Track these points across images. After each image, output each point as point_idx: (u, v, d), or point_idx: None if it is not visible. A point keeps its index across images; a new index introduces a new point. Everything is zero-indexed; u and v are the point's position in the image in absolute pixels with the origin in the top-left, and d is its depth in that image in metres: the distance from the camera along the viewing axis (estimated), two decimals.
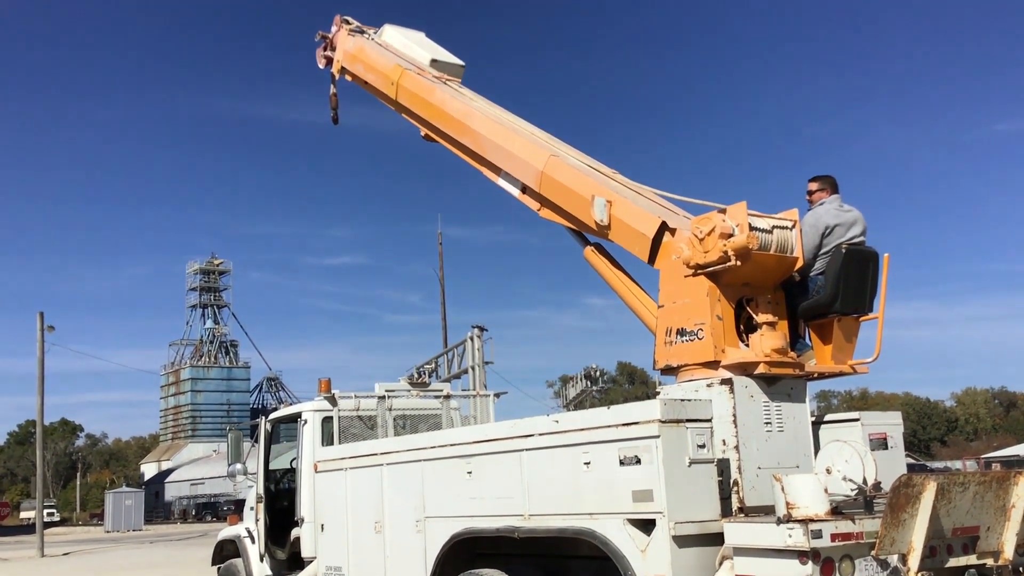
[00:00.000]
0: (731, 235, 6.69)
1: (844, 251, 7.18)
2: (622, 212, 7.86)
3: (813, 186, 7.73)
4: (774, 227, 6.94)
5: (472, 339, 29.94)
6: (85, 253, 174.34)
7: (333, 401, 11.40)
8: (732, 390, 6.62)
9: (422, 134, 11.12)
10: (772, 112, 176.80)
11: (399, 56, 11.92)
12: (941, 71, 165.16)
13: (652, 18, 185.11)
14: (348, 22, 13.06)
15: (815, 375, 7.39)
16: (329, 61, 13.25)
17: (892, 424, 7.54)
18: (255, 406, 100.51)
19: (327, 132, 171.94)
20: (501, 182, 9.70)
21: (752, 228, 6.73)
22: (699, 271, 6.92)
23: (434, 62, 11.86)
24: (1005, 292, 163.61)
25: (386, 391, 11.84)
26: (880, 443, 7.30)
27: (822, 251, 7.31)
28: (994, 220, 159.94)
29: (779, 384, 6.90)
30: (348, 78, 12.79)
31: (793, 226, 7.08)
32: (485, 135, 9.77)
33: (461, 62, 12.21)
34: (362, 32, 12.85)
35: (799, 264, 7.12)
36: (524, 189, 9.29)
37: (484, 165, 9.95)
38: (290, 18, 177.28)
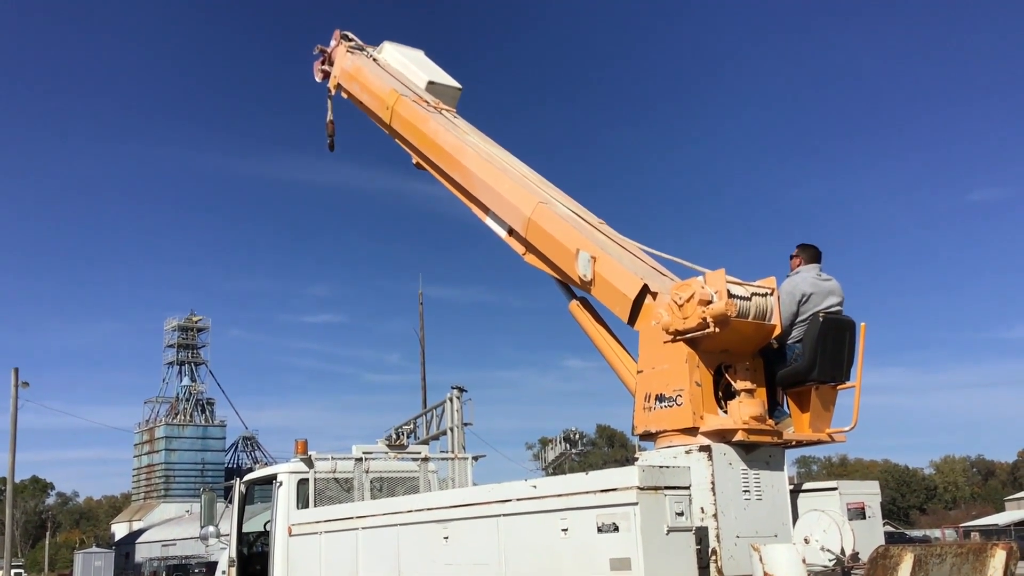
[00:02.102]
0: (710, 302, 6.73)
1: (821, 319, 7.23)
2: (606, 270, 7.89)
3: (795, 254, 7.83)
4: (753, 294, 6.99)
5: (451, 400, 29.78)
6: (61, 308, 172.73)
7: (309, 463, 11.27)
8: (711, 457, 6.60)
9: (413, 162, 11.15)
10: (752, 178, 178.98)
11: (396, 77, 11.94)
12: (917, 141, 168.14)
13: (639, 79, 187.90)
14: (348, 38, 13.04)
15: (793, 443, 7.38)
16: (326, 75, 13.24)
17: (870, 494, 7.53)
18: (230, 466, 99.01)
19: (308, 190, 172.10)
20: (489, 221, 9.70)
21: (731, 295, 6.78)
22: (678, 337, 6.94)
23: (431, 84, 11.91)
24: (982, 360, 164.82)
25: (363, 453, 11.74)
26: (858, 513, 7.28)
27: (799, 319, 7.36)
28: (970, 288, 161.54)
29: (757, 452, 6.90)
30: (344, 95, 12.79)
31: (771, 294, 7.14)
32: (475, 173, 9.76)
33: (458, 85, 12.26)
34: (362, 50, 12.84)
35: (777, 331, 7.16)
36: (511, 232, 9.32)
37: (473, 202, 9.96)
38: (275, 77, 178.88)
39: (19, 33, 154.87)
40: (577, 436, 56.73)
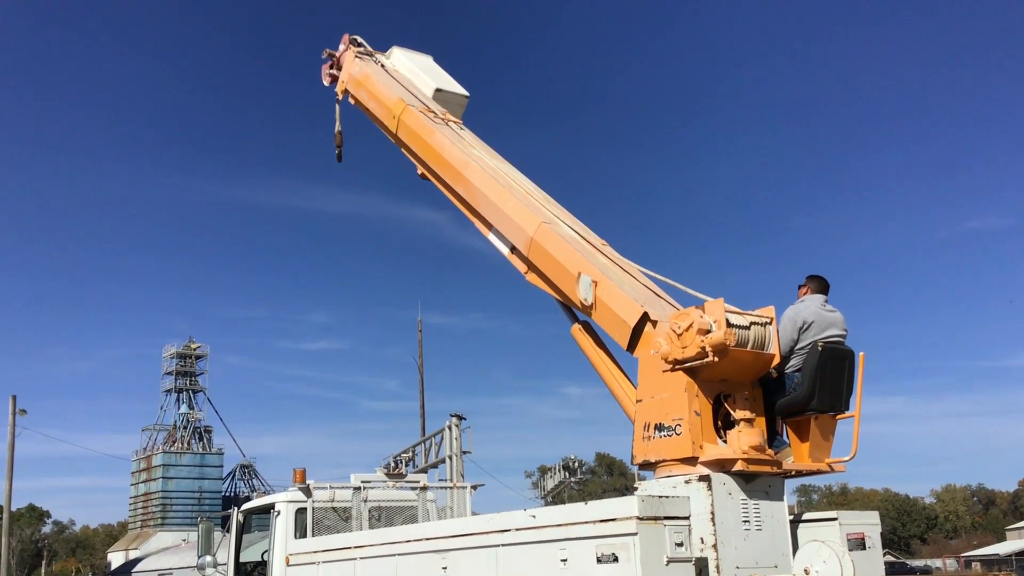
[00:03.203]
0: (709, 331, 6.73)
1: (820, 349, 7.23)
2: (606, 295, 7.88)
3: (803, 284, 7.85)
4: (751, 324, 6.99)
5: (450, 428, 29.71)
6: (59, 335, 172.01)
7: (307, 492, 11.23)
8: (710, 487, 6.57)
9: (419, 172, 11.17)
10: (749, 205, 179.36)
11: (404, 84, 11.96)
12: (916, 169, 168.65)
13: (637, 106, 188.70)
14: (357, 43, 13.04)
15: (793, 473, 7.36)
16: (334, 80, 13.25)
17: (870, 524, 7.49)
18: (227, 494, 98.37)
19: (306, 216, 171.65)
20: (492, 237, 9.71)
21: (730, 324, 6.78)
22: (677, 366, 6.93)
23: (438, 92, 11.93)
24: (982, 389, 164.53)
25: (362, 482, 11.70)
26: (858, 543, 7.24)
27: (798, 346, 7.36)
28: (969, 316, 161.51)
29: (757, 482, 6.87)
30: (351, 101, 12.80)
31: (770, 323, 7.14)
32: (479, 188, 9.75)
33: (466, 93, 12.29)
34: (370, 55, 12.84)
35: (776, 360, 7.16)
36: (513, 249, 9.32)
37: (476, 217, 9.96)
38: (275, 103, 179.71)
39: (17, 56, 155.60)
40: (576, 464, 56.57)
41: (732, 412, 6.97)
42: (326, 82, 13.47)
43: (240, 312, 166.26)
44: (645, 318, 7.45)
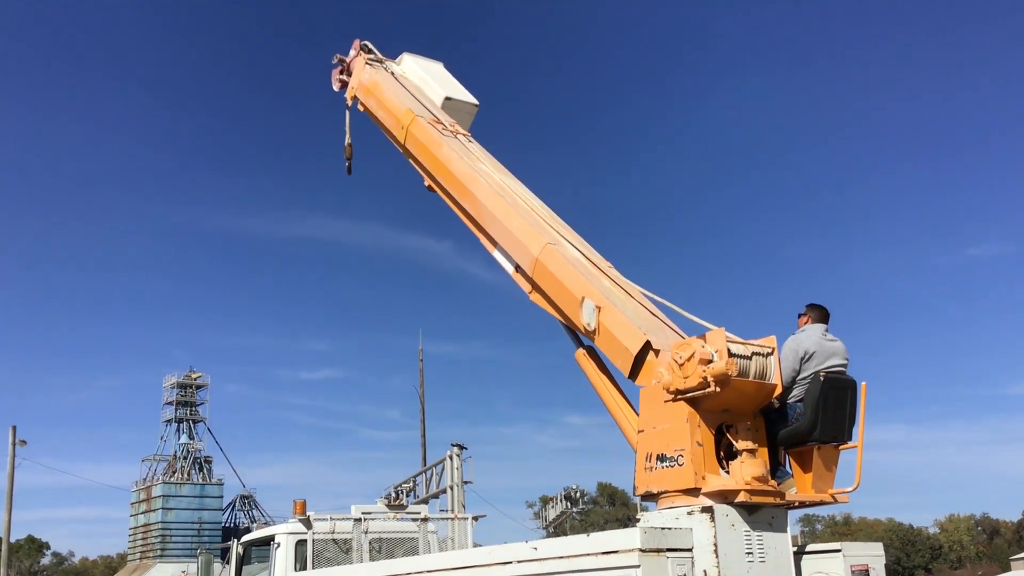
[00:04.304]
0: (710, 361, 6.71)
1: (822, 379, 7.21)
2: (610, 321, 7.85)
3: (803, 312, 7.84)
4: (753, 354, 6.97)
5: (451, 458, 29.58)
6: (59, 365, 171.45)
7: (307, 523, 11.18)
8: (713, 518, 6.54)
9: (425, 184, 11.17)
10: (746, 233, 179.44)
11: (413, 93, 11.97)
12: (915, 193, 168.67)
13: (640, 125, 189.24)
14: (367, 49, 13.07)
15: (796, 504, 7.33)
16: (344, 85, 13.28)
17: (874, 555, 7.44)
18: (227, 525, 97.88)
19: (306, 245, 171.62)
20: (496, 255, 9.68)
21: (731, 354, 6.76)
22: (679, 396, 6.91)
23: (448, 100, 11.94)
24: (985, 417, 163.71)
25: (362, 513, 11.66)
26: (862, 575, 7.20)
27: (800, 376, 7.34)
28: (969, 344, 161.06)
29: (760, 513, 6.83)
30: (360, 108, 12.82)
31: (771, 353, 7.13)
32: (485, 205, 9.71)
33: (475, 102, 12.30)
34: (380, 63, 12.87)
35: (778, 390, 7.14)
36: (517, 268, 9.28)
37: (481, 233, 9.92)
38: (273, 132, 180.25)
39: (15, 71, 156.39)
40: (578, 494, 56.46)
41: (734, 442, 6.94)
42: (336, 87, 13.51)
43: (240, 341, 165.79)
44: (647, 347, 7.42)
